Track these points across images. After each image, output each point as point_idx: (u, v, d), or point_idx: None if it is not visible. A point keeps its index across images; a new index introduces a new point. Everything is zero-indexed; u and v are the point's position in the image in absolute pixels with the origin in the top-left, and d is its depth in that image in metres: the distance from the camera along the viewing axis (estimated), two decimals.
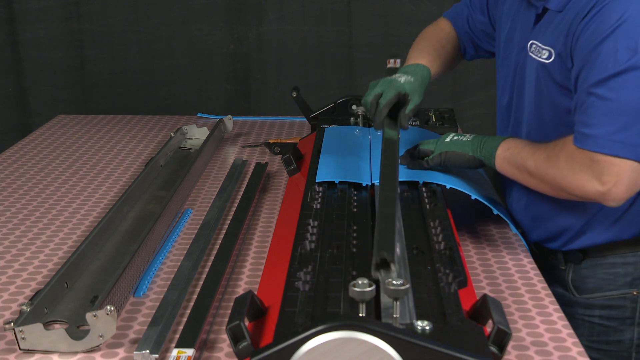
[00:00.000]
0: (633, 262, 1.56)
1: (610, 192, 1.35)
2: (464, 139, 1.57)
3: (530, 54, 1.54)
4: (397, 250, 1.29)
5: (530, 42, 1.55)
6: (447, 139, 1.59)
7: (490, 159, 1.53)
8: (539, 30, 1.54)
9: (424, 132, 1.95)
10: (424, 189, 1.55)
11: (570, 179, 1.39)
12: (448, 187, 1.56)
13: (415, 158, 1.62)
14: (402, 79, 1.70)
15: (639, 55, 1.32)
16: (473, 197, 1.55)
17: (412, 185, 1.57)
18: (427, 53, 1.85)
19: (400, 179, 1.57)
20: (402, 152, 1.65)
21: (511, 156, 1.49)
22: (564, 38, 1.45)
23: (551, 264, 1.63)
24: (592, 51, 1.37)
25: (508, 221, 1.56)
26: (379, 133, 1.92)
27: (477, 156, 1.55)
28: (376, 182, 1.57)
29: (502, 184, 1.74)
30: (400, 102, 1.66)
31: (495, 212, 1.55)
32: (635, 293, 1.57)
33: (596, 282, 1.59)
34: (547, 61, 1.50)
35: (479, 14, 1.84)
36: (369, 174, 1.61)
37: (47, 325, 1.30)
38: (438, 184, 1.56)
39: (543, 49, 1.51)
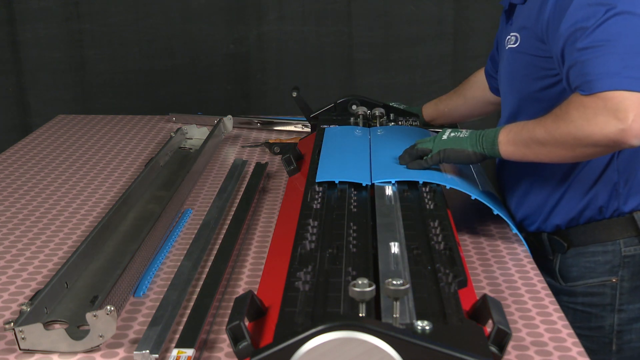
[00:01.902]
0: (612, 251, 1.60)
1: (631, 127, 1.33)
2: (461, 135, 1.57)
3: (507, 46, 1.63)
4: (397, 250, 1.29)
5: (507, 37, 1.64)
6: (445, 136, 1.59)
7: (493, 149, 1.52)
8: (512, 24, 1.65)
9: (421, 132, 1.95)
10: (424, 189, 1.55)
11: (587, 127, 1.36)
12: (448, 187, 1.56)
13: (414, 157, 1.62)
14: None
15: (611, 6, 1.38)
16: (473, 197, 1.54)
17: (412, 185, 1.57)
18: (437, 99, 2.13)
19: (400, 179, 1.58)
20: (400, 152, 1.66)
21: (515, 136, 1.49)
22: (531, 17, 1.53)
23: (540, 254, 1.68)
24: (569, 18, 1.42)
25: (508, 221, 1.56)
26: (380, 132, 1.92)
27: (477, 151, 1.54)
28: (376, 182, 1.57)
29: (500, 180, 1.76)
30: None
31: (496, 212, 1.55)
32: (614, 280, 1.61)
33: (579, 271, 1.64)
34: (514, 46, 1.59)
35: (496, 52, 1.93)
36: (369, 174, 1.61)
37: (47, 325, 1.30)
38: (438, 184, 1.56)
39: (512, 36, 1.61)
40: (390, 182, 1.57)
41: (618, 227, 1.60)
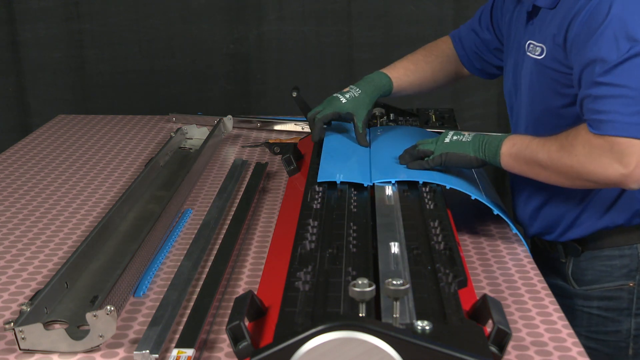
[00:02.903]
0: (629, 255, 1.59)
1: (633, 173, 1.35)
2: (463, 139, 1.57)
3: (528, 53, 1.58)
4: (397, 250, 1.29)
5: (528, 42, 1.58)
6: (447, 139, 1.58)
7: (495, 158, 1.52)
8: (535, 29, 1.58)
9: (423, 132, 1.95)
10: (424, 189, 1.55)
11: (589, 166, 1.38)
12: (448, 187, 1.56)
13: (415, 158, 1.62)
14: (343, 98, 1.79)
15: (637, 43, 1.35)
16: (473, 197, 1.54)
17: (412, 185, 1.57)
18: (401, 65, 1.91)
19: (400, 179, 1.58)
20: (400, 152, 1.66)
21: (518, 152, 1.49)
22: (558, 33, 1.48)
23: (552, 257, 1.67)
24: (593, 45, 1.39)
25: (508, 221, 1.56)
26: (379, 132, 1.92)
27: (479, 156, 1.54)
28: (376, 181, 1.57)
29: (513, 184, 1.74)
30: (348, 119, 1.78)
31: (496, 212, 1.55)
32: (631, 285, 1.60)
33: (594, 274, 1.62)
34: (539, 57, 1.54)
35: (485, 32, 1.88)
36: (369, 174, 1.61)
37: (47, 325, 1.30)
38: (438, 184, 1.56)
39: (537, 46, 1.55)
40: (390, 182, 1.57)
41: (636, 232, 1.58)
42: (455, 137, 1.58)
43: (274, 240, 1.51)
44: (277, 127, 2.48)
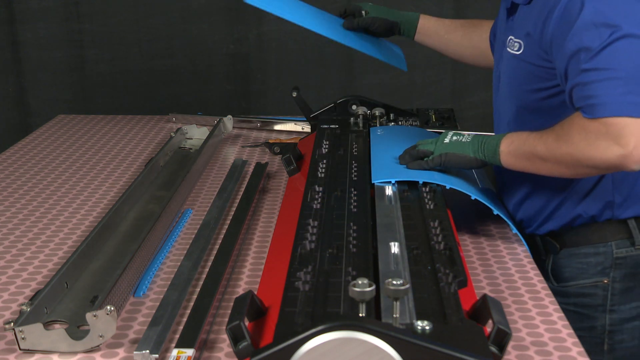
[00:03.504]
0: (603, 252, 1.62)
1: (632, 153, 1.34)
2: (463, 140, 1.58)
3: (508, 49, 1.62)
4: (397, 250, 1.29)
5: (508, 37, 1.63)
6: (446, 140, 1.59)
7: (494, 157, 1.53)
8: (514, 25, 1.63)
9: (423, 132, 1.95)
10: (424, 189, 1.55)
11: (588, 151, 1.38)
12: (448, 187, 1.56)
13: (415, 158, 1.62)
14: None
15: (617, 28, 1.38)
16: (473, 197, 1.54)
17: (412, 185, 1.57)
18: (437, 18, 2.12)
19: (400, 179, 1.58)
20: (400, 152, 1.66)
21: (517, 148, 1.50)
22: (533, 29, 1.52)
23: (533, 255, 1.68)
24: (574, 37, 1.41)
25: (508, 221, 1.56)
26: (379, 132, 1.92)
27: (478, 157, 1.55)
28: (376, 182, 1.57)
29: (499, 180, 1.77)
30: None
31: (496, 212, 1.55)
32: (606, 281, 1.62)
33: (571, 272, 1.66)
34: (517, 52, 1.58)
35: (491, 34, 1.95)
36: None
37: (47, 325, 1.30)
38: (438, 184, 1.56)
39: (515, 42, 1.59)
40: (390, 182, 1.57)
41: (610, 230, 1.61)
42: (455, 138, 1.59)
43: (274, 240, 1.52)
44: (277, 127, 2.48)
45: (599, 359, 1.65)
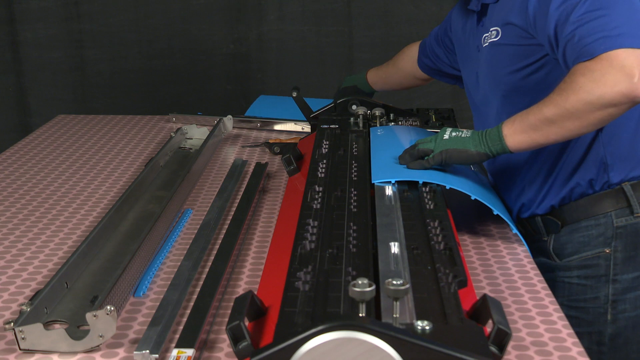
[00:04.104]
0: (604, 223, 1.63)
1: (638, 84, 1.34)
2: (462, 135, 1.57)
3: (484, 44, 1.65)
4: (397, 250, 1.29)
5: (484, 36, 1.66)
6: (446, 136, 1.58)
7: (499, 144, 1.50)
8: (487, 23, 1.67)
9: (423, 132, 1.95)
10: (423, 189, 1.55)
11: (597, 89, 1.36)
12: (448, 187, 1.55)
13: (415, 157, 1.62)
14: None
15: None
16: (473, 197, 1.54)
17: (412, 185, 1.57)
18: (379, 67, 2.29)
19: (400, 179, 1.58)
20: (400, 151, 1.66)
21: (521, 123, 1.47)
22: (515, 10, 1.56)
23: (533, 237, 1.72)
24: (555, 1, 1.45)
25: (508, 221, 1.56)
26: (379, 132, 1.92)
27: (480, 150, 1.53)
28: (376, 182, 1.57)
29: (496, 182, 1.79)
30: None
31: (496, 212, 1.55)
32: (608, 251, 1.64)
33: (574, 247, 1.67)
34: (495, 39, 1.62)
35: (435, 45, 2.09)
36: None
37: (47, 325, 1.30)
38: (438, 184, 1.56)
39: (492, 31, 1.63)
40: (390, 182, 1.57)
41: (609, 200, 1.62)
42: (454, 134, 1.58)
43: (274, 240, 1.52)
44: (277, 127, 2.48)
45: (602, 329, 1.67)
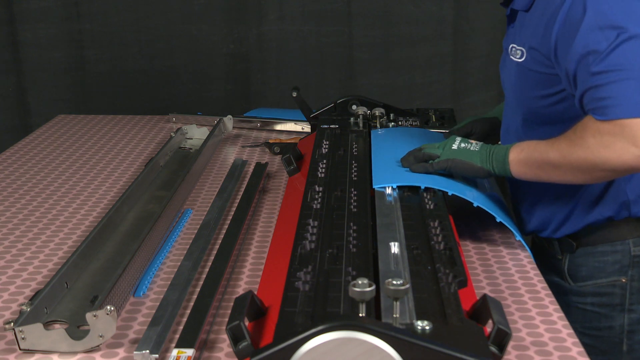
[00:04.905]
0: (621, 250, 1.59)
1: None
2: (471, 148, 1.55)
3: (511, 56, 1.59)
4: (397, 250, 1.29)
5: (511, 45, 1.60)
6: (454, 146, 1.57)
7: (503, 167, 1.50)
8: (515, 32, 1.61)
9: (424, 133, 1.94)
10: (424, 193, 1.54)
11: (604, 154, 1.36)
12: (450, 193, 1.53)
13: (419, 160, 1.60)
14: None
15: (623, 29, 1.37)
16: (475, 204, 1.52)
17: (414, 188, 1.56)
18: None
19: (402, 184, 1.56)
20: (402, 154, 1.64)
21: (527, 156, 1.47)
22: (534, 36, 1.51)
23: (548, 253, 1.68)
24: (580, 41, 1.40)
25: (512, 228, 1.54)
26: (380, 133, 1.92)
27: (485, 167, 1.52)
28: (376, 187, 1.56)
29: (509, 185, 1.74)
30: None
31: (499, 219, 1.52)
32: (624, 280, 1.60)
33: (588, 270, 1.63)
34: (520, 60, 1.56)
35: None
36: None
37: (47, 325, 1.30)
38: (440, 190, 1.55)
39: (518, 49, 1.57)
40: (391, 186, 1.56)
41: (627, 227, 1.59)
42: (463, 145, 1.57)
43: (274, 240, 1.52)
44: (277, 127, 2.48)
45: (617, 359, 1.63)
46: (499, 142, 1.78)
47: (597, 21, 1.39)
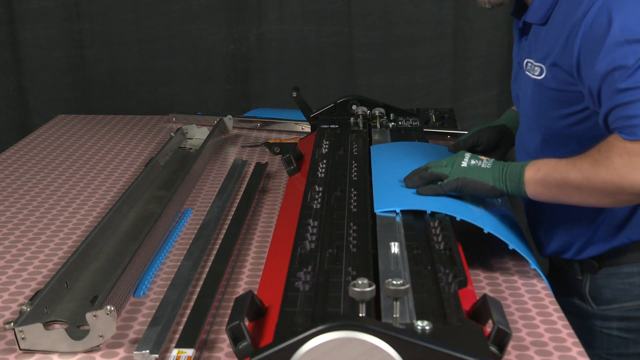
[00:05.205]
0: None
1: None
2: (482, 165, 1.44)
3: (527, 72, 1.51)
4: (397, 250, 1.29)
5: (526, 60, 1.52)
6: (464, 163, 1.45)
7: (518, 187, 1.40)
8: (529, 46, 1.52)
9: (427, 148, 1.83)
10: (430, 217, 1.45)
11: (632, 176, 1.28)
12: (459, 219, 1.41)
13: (426, 181, 1.48)
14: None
15: None
16: (486, 230, 1.39)
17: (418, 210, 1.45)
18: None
19: (405, 207, 1.44)
20: (404, 173, 1.52)
21: (545, 176, 1.37)
22: (553, 51, 1.43)
23: (568, 274, 1.60)
24: (606, 56, 1.32)
25: (526, 256, 1.41)
26: (379, 148, 1.80)
27: (498, 186, 1.42)
28: (378, 211, 1.44)
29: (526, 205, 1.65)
30: None
31: (511, 246, 1.39)
32: None
33: (612, 293, 1.54)
34: (539, 77, 1.47)
35: None
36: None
37: (47, 325, 1.30)
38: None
39: (536, 65, 1.48)
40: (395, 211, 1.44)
41: None
42: (473, 162, 1.45)
43: (274, 240, 1.51)
44: (277, 127, 2.48)
45: None
46: (509, 154, 1.71)
47: (624, 35, 1.30)
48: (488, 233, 1.39)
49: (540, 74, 1.47)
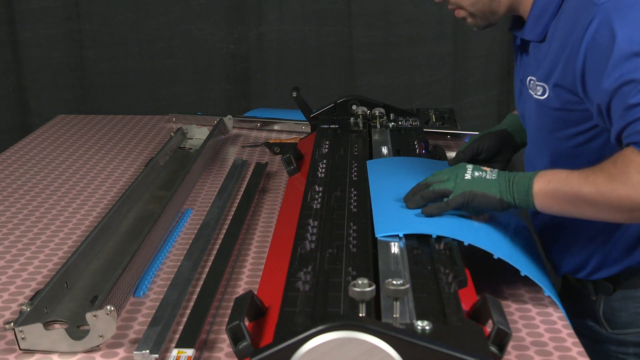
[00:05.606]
0: None
1: None
2: (487, 177, 1.36)
3: (530, 91, 1.47)
4: (397, 250, 1.29)
5: (529, 78, 1.48)
6: (467, 176, 1.36)
7: (527, 199, 1.32)
8: (529, 63, 1.49)
9: (426, 163, 1.70)
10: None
11: None
12: (466, 243, 1.31)
13: (429, 200, 1.38)
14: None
15: None
16: (496, 256, 1.29)
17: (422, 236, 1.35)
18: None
19: (408, 232, 1.33)
20: (405, 191, 1.43)
21: (556, 189, 1.29)
22: (554, 70, 1.39)
23: (582, 294, 1.55)
24: (613, 72, 1.27)
25: (539, 283, 1.31)
26: (375, 163, 1.69)
27: (505, 199, 1.33)
28: (379, 236, 1.33)
29: (534, 224, 1.59)
30: None
31: (523, 273, 1.29)
32: None
33: (629, 317, 1.49)
34: (541, 97, 1.43)
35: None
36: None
37: (47, 325, 1.30)
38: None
39: (538, 85, 1.44)
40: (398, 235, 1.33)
41: None
42: (477, 173, 1.36)
43: (274, 240, 1.52)
44: (277, 127, 2.48)
45: None
46: (512, 162, 1.66)
47: (631, 47, 1.25)
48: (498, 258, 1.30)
49: (543, 94, 1.42)
